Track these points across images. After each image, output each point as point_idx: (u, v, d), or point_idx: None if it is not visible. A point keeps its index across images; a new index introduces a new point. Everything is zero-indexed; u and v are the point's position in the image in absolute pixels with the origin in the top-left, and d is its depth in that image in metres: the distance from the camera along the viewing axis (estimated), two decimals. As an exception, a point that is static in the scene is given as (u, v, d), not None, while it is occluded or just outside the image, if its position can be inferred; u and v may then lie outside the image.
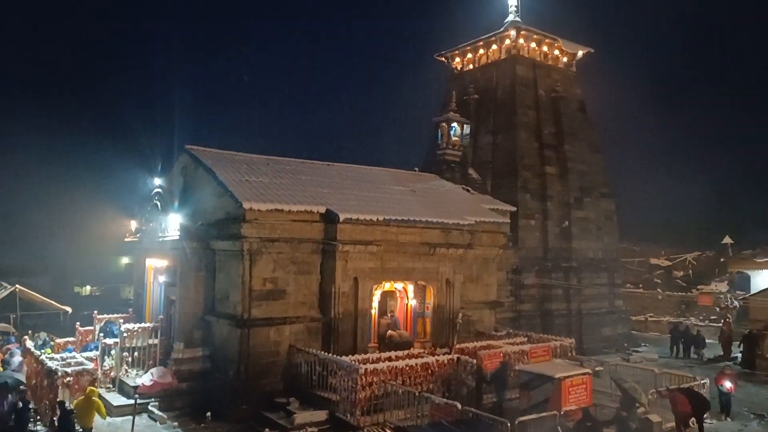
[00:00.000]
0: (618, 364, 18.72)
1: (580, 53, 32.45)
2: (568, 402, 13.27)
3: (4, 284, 27.57)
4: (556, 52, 31.77)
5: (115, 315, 21.76)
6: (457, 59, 32.80)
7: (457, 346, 18.12)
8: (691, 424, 14.46)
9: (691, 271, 44.65)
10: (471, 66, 32.27)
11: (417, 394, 13.95)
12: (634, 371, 17.85)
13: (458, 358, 16.34)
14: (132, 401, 14.62)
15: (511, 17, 30.87)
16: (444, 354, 16.99)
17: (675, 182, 54.45)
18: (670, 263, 46.03)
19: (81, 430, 13.18)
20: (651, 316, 35.66)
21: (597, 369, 16.53)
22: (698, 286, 39.76)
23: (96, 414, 13.38)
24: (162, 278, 20.37)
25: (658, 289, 40.19)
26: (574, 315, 27.55)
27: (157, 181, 21.05)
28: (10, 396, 14.57)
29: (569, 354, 18.99)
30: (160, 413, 15.69)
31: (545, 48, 31.28)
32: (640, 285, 42.07)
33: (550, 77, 30.65)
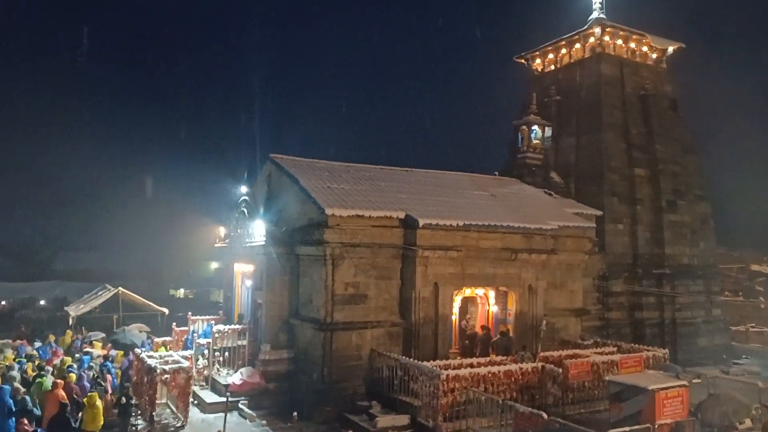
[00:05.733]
0: (717, 376, 17.52)
1: (670, 49, 30.77)
2: (663, 415, 12.58)
3: (109, 287, 29.72)
4: (645, 48, 30.30)
5: (207, 317, 22.90)
6: (538, 60, 32.04)
7: (542, 354, 17.62)
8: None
9: (799, 279, 41.08)
10: (552, 67, 31.41)
11: (501, 402, 13.70)
12: (734, 385, 16.67)
13: (543, 367, 15.90)
14: (224, 399, 15.31)
15: (595, 14, 29.80)
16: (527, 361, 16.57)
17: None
18: (775, 270, 42.56)
19: None
20: (752, 327, 33.07)
21: (694, 381, 15.55)
22: (807, 295, 36.52)
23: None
24: (249, 282, 21.23)
25: (761, 298, 37.24)
26: (668, 324, 26.06)
27: (244, 189, 22.04)
28: (131, 354, 18.62)
29: (664, 362, 17.98)
30: (250, 411, 16.33)
31: (632, 44, 29.92)
32: (740, 293, 39.17)
33: (638, 75, 29.26)
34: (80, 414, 13.57)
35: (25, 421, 12.03)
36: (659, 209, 27.08)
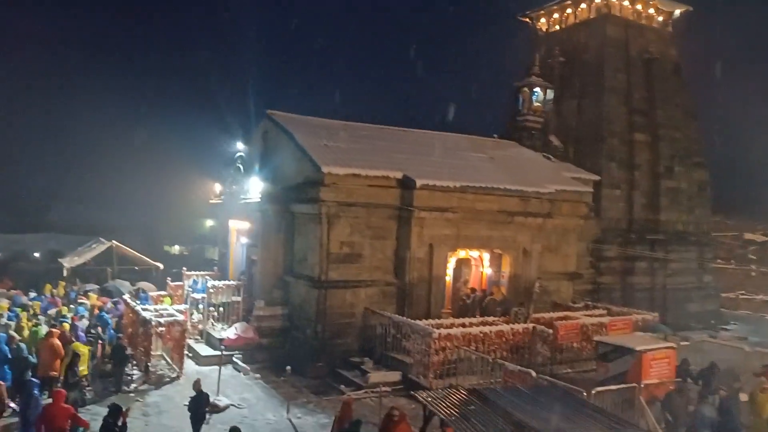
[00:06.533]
0: (705, 340, 17.81)
1: (677, 12, 30.16)
2: (649, 375, 12.79)
3: (103, 240, 29.71)
4: (651, 10, 29.66)
5: (202, 272, 22.98)
6: (543, 20, 31.36)
7: (533, 315, 17.82)
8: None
9: (791, 248, 41.40)
10: (557, 27, 30.79)
11: (491, 360, 13.91)
12: (721, 349, 16.96)
13: (534, 328, 16.11)
14: (218, 353, 15.48)
15: (601, -27, 29.03)
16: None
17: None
18: (767, 238, 42.84)
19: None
20: (742, 294, 33.52)
21: (682, 344, 15.80)
22: (798, 265, 36.87)
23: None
24: (244, 239, 21.24)
25: (752, 266, 37.60)
26: (658, 290, 26.34)
27: (240, 145, 21.79)
28: (120, 303, 19.69)
29: (653, 323, 18.24)
30: (244, 365, 16.56)
31: (639, 6, 29.27)
32: (732, 261, 39.55)
33: (643, 37, 28.73)
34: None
35: None
36: (657, 175, 27.02)
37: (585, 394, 11.20)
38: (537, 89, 26.36)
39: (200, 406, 11.25)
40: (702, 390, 12.85)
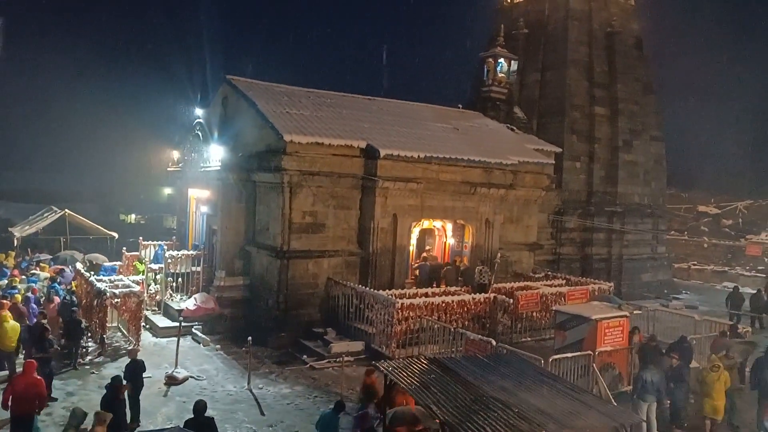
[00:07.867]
0: (657, 309, 18.40)
1: (640, -15, 30.32)
2: (604, 343, 13.16)
3: (55, 208, 28.63)
4: (614, -17, 29.73)
5: (161, 242, 22.42)
6: (507, -10, 31.10)
7: (494, 285, 18.07)
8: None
9: (741, 220, 42.97)
10: (522, -3, 30.60)
11: (453, 330, 14.07)
12: (672, 317, 17.56)
13: (495, 297, 16.34)
14: (177, 324, 15.20)
15: (567, -56, 28.83)
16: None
17: (732, 127, 51.64)
18: (719, 211, 44.40)
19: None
20: (694, 264, 34.80)
21: (635, 312, 16.29)
22: (747, 236, 38.36)
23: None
24: (204, 208, 20.76)
25: (704, 237, 38.99)
26: (615, 260, 27.08)
27: (199, 111, 21.07)
28: (70, 267, 20.39)
29: (607, 294, 18.75)
30: (204, 336, 16.33)
31: (602, -22, 29.27)
32: (685, 232, 40.91)
33: (606, 10, 28.80)
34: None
35: None
36: (615, 148, 27.50)
37: (542, 362, 11.45)
38: (501, 60, 26.34)
39: (136, 374, 11.08)
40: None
